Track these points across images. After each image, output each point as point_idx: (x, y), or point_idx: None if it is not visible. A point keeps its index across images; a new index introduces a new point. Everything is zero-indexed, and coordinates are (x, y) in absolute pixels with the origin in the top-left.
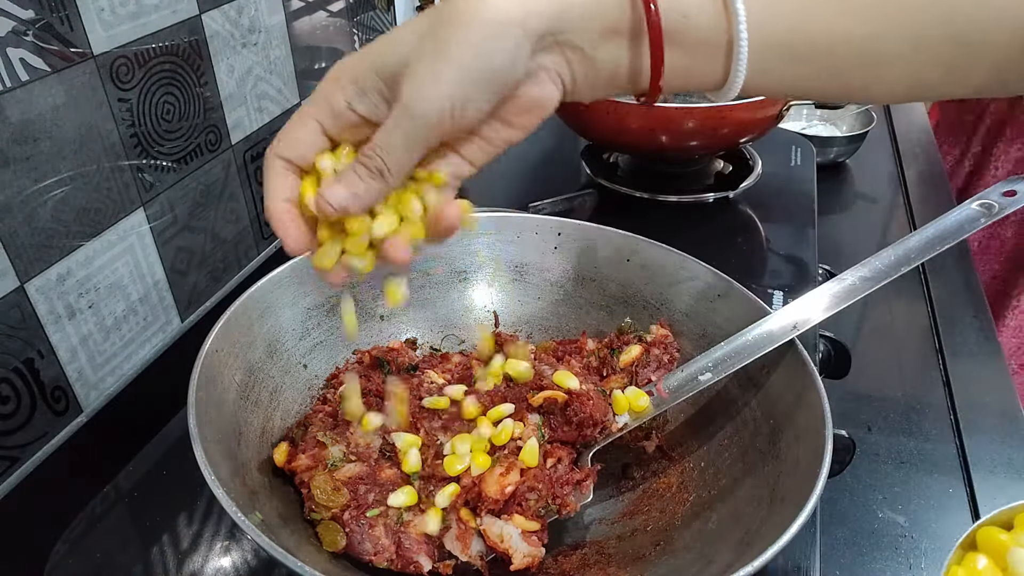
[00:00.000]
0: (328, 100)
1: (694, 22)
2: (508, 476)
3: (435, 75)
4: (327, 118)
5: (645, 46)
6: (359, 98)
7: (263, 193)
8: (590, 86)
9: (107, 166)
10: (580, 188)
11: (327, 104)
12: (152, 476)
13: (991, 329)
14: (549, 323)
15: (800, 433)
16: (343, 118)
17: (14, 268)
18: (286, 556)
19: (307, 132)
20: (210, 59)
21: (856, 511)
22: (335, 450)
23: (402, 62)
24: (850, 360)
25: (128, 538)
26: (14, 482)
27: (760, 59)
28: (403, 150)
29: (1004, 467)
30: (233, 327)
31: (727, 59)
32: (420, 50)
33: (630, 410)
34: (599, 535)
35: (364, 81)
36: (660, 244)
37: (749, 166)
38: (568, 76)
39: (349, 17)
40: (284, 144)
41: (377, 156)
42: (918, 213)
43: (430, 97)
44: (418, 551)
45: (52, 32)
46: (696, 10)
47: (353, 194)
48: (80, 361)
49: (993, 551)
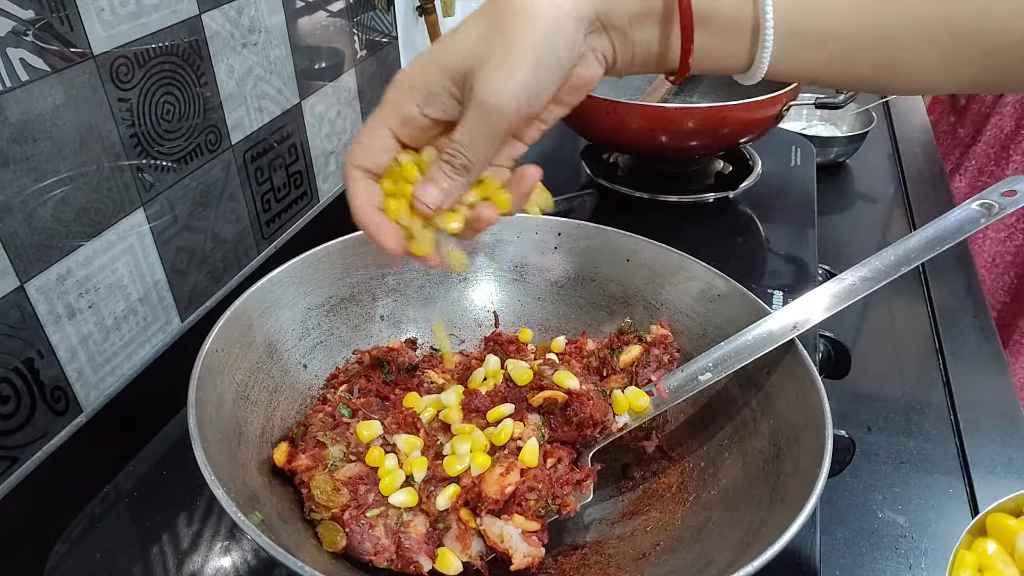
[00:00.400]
0: (399, 108)
1: (723, 6)
2: (508, 476)
3: (508, 69)
4: (399, 125)
5: (676, 28)
6: (430, 102)
7: (349, 203)
8: (626, 65)
9: (107, 166)
10: (580, 188)
11: (398, 112)
12: (152, 476)
13: (991, 329)
14: (549, 323)
15: (800, 433)
16: (415, 123)
17: (14, 268)
18: (286, 556)
19: (380, 140)
20: (210, 59)
21: (856, 511)
22: (335, 450)
23: (469, 61)
24: (850, 360)
25: (128, 538)
26: (14, 482)
27: (783, 44)
28: (484, 144)
29: (1004, 467)
30: (233, 327)
31: (753, 43)
32: (487, 48)
33: (630, 410)
34: (599, 535)
35: (433, 85)
36: (660, 244)
37: (749, 166)
38: (610, 55)
39: (349, 17)
40: (360, 154)
41: (461, 153)
42: (918, 213)
43: (507, 89)
44: (418, 551)
45: (52, 32)
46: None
47: (444, 191)
48: (80, 361)
49: (1002, 536)
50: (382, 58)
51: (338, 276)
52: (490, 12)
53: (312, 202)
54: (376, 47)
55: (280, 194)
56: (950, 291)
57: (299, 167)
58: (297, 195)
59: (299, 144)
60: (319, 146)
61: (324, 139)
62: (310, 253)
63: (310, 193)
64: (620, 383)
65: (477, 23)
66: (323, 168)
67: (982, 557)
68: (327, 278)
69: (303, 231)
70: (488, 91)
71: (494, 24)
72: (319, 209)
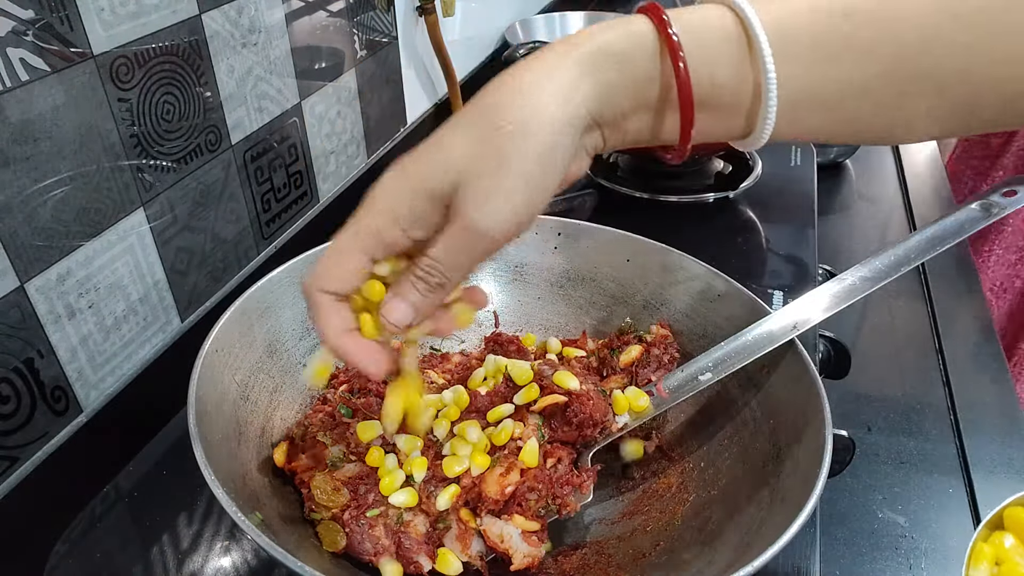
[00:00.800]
0: (380, 233)
1: (724, 90)
2: (508, 476)
3: (502, 192)
4: (379, 249)
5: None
6: (415, 225)
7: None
8: (615, 146)
9: (107, 166)
10: (580, 188)
11: (378, 237)
12: (152, 476)
13: (991, 329)
14: (549, 323)
15: (800, 433)
16: (397, 246)
17: (14, 268)
18: (286, 556)
19: (353, 263)
20: (210, 59)
21: (856, 511)
22: (335, 450)
23: (456, 180)
24: (850, 360)
25: (128, 538)
26: (14, 482)
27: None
28: (464, 264)
29: (1004, 467)
30: (233, 327)
31: (754, 117)
32: (477, 167)
33: (630, 410)
34: (599, 535)
35: (418, 208)
36: (660, 244)
37: (749, 166)
38: (601, 146)
39: (349, 17)
40: (327, 279)
41: (438, 272)
42: (918, 213)
43: (498, 213)
44: (418, 551)
45: (52, 32)
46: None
47: (416, 308)
48: (80, 361)
49: (1020, 530)
50: (382, 58)
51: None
52: (478, 123)
53: (312, 202)
54: (376, 47)
55: (280, 194)
56: (950, 291)
57: (299, 167)
58: (297, 195)
59: (299, 144)
60: (319, 146)
61: (324, 139)
62: (310, 253)
63: (310, 193)
64: (620, 383)
65: (464, 135)
66: (323, 168)
67: (999, 550)
68: None
69: (303, 231)
70: (478, 216)
71: (483, 138)
72: (319, 209)
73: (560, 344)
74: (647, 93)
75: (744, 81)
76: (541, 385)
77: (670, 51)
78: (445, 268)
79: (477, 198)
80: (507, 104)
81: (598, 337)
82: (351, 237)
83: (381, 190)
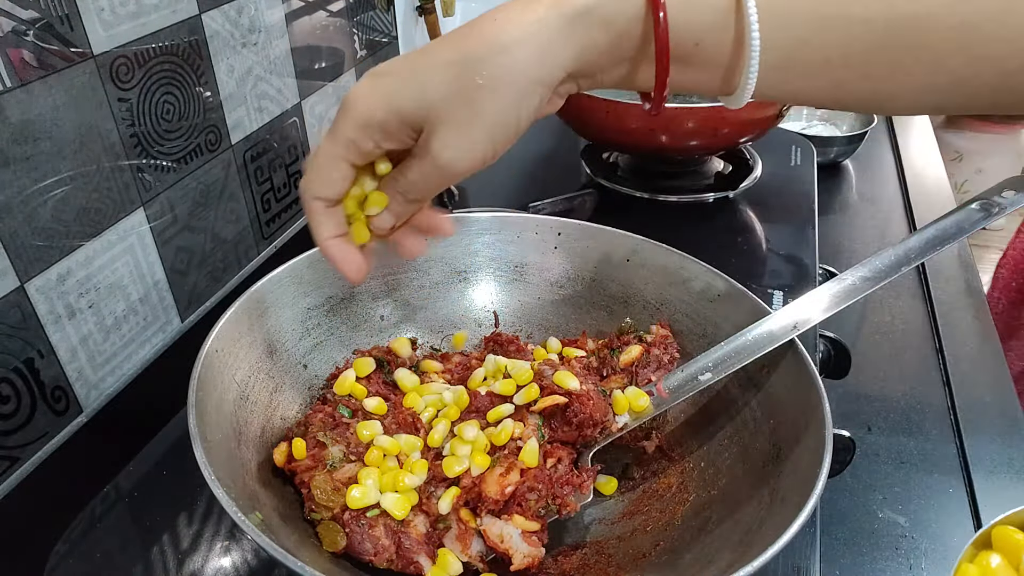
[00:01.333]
0: (357, 145)
1: (706, 48)
2: (508, 476)
3: (469, 141)
4: (356, 158)
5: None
6: (387, 139)
7: (314, 234)
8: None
9: (107, 166)
10: (580, 188)
11: (355, 148)
12: (152, 476)
13: (991, 329)
14: (549, 323)
15: (800, 433)
16: (372, 155)
17: (14, 268)
18: (286, 556)
19: (339, 171)
20: (210, 59)
21: (856, 511)
22: (335, 450)
23: (427, 115)
24: (850, 360)
25: (128, 538)
26: (14, 482)
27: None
28: (435, 186)
29: (1004, 467)
30: (233, 327)
31: (734, 76)
32: (448, 110)
33: (630, 410)
34: (599, 535)
35: (390, 125)
36: (660, 244)
37: (749, 166)
38: (575, 91)
39: (349, 17)
40: (319, 185)
41: (415, 191)
42: (918, 213)
43: (464, 156)
44: (418, 551)
45: (52, 32)
46: (708, 37)
47: (397, 216)
48: (80, 361)
49: (1008, 550)
50: (382, 58)
51: (338, 276)
52: (456, 67)
53: None
54: (376, 47)
55: (280, 194)
56: (950, 291)
57: (299, 167)
58: (297, 195)
59: (299, 144)
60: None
61: None
62: (310, 253)
63: None
64: (620, 383)
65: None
66: None
67: (986, 570)
68: (327, 278)
69: (303, 231)
70: (445, 155)
71: (459, 86)
72: None
73: (560, 344)
74: (627, 48)
75: (726, 40)
76: (541, 385)
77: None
78: (419, 189)
79: (446, 141)
80: (487, 59)
81: (598, 337)
82: (333, 146)
83: (356, 99)
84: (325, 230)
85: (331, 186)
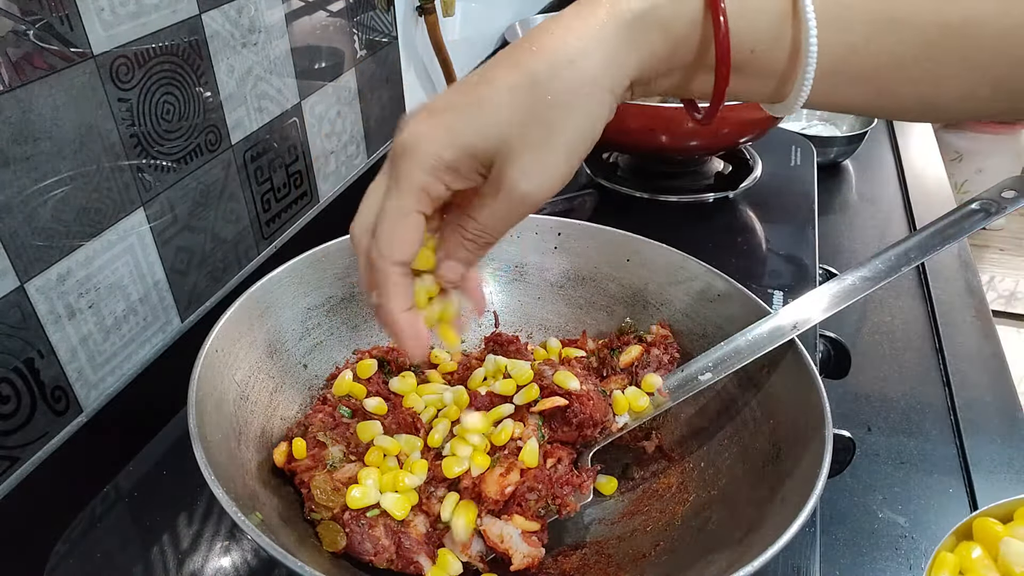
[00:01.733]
0: (427, 191)
1: (761, 56)
2: (508, 476)
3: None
4: (427, 206)
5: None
6: (457, 180)
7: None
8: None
9: (107, 166)
10: (580, 188)
11: (425, 195)
12: (152, 476)
13: (991, 329)
14: (549, 323)
15: (800, 433)
16: (440, 200)
17: (14, 268)
18: (286, 556)
19: (414, 227)
20: (210, 59)
21: (856, 511)
22: (335, 450)
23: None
24: (850, 360)
25: (128, 538)
26: (14, 482)
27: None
28: (507, 224)
29: (1004, 467)
30: (233, 327)
31: (787, 84)
32: (525, 138)
33: (630, 410)
34: (599, 535)
35: (461, 165)
36: (660, 244)
37: (749, 166)
38: (629, 98)
39: (349, 17)
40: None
41: (486, 234)
42: (918, 213)
43: (544, 182)
44: (418, 551)
45: (52, 32)
46: (765, 44)
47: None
48: (80, 361)
49: (988, 541)
50: (382, 58)
51: (338, 276)
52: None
53: (312, 202)
54: (376, 47)
55: (280, 194)
56: (950, 291)
57: (299, 167)
58: (297, 195)
59: (299, 144)
60: (319, 146)
61: (324, 139)
62: (310, 253)
63: (310, 193)
64: (620, 383)
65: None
66: (323, 168)
67: (965, 560)
68: (327, 278)
69: (303, 231)
70: (525, 184)
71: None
72: (319, 209)
73: (560, 344)
74: (684, 55)
75: (782, 47)
76: (541, 385)
77: (712, 11)
78: (492, 230)
79: (525, 170)
80: (554, 75)
81: (598, 337)
82: (401, 198)
83: (418, 141)
84: (403, 301)
85: (410, 245)
